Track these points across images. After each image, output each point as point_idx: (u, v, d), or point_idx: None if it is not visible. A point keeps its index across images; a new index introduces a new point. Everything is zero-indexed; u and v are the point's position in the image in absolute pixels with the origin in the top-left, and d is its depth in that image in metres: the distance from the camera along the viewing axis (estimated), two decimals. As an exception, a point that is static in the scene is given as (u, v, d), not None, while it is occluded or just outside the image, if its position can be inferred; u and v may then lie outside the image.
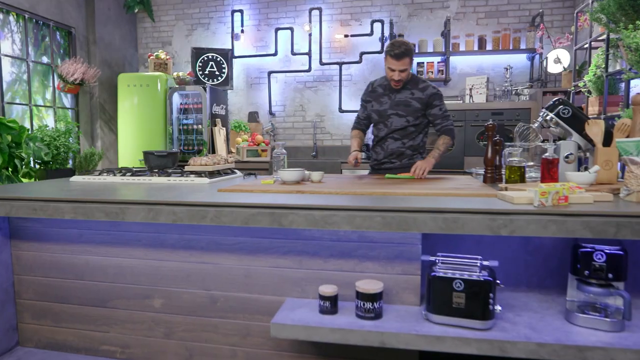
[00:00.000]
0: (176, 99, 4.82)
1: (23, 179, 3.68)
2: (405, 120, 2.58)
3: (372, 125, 2.78)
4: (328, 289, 1.55)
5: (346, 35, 4.93)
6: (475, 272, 1.45)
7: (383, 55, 2.62)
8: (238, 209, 1.52)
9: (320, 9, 4.95)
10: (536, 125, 2.09)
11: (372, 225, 1.42)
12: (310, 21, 4.97)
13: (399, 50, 2.39)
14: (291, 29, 5.02)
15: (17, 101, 4.12)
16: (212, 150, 4.78)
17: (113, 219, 1.64)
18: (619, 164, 1.87)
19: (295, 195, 1.74)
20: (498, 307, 1.45)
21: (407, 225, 1.39)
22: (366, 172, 3.92)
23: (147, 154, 2.42)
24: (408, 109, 2.57)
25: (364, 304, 1.51)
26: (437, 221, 1.38)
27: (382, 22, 4.80)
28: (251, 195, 1.72)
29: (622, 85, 2.99)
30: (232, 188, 1.88)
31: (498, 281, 1.45)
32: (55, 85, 4.51)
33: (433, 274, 1.47)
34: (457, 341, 1.39)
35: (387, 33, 4.78)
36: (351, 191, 1.75)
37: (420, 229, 1.39)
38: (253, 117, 5.20)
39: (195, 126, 4.81)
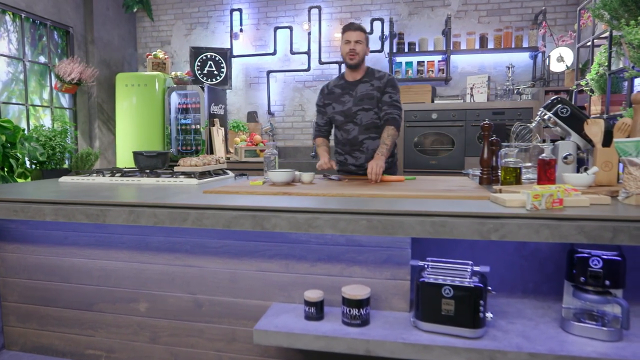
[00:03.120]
0: (174, 98, 4.79)
1: (18, 179, 3.66)
2: (373, 113, 2.46)
3: (337, 128, 2.59)
4: (313, 295, 1.50)
5: (346, 34, 4.86)
6: (466, 278, 1.39)
7: (340, 35, 2.57)
8: (220, 211, 1.47)
9: (319, 8, 4.89)
10: (534, 125, 2.02)
11: (357, 229, 1.36)
12: (309, 20, 4.92)
13: (354, 24, 2.46)
14: (290, 27, 4.97)
15: (14, 101, 4.10)
16: (211, 150, 4.75)
17: (94, 221, 1.60)
18: (620, 165, 1.80)
19: (281, 197, 1.69)
20: (489, 315, 1.39)
21: (393, 229, 1.34)
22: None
23: (136, 155, 2.38)
24: (372, 101, 2.45)
25: (350, 310, 1.45)
26: (425, 225, 1.32)
27: (382, 20, 4.74)
28: (236, 197, 1.67)
29: (626, 83, 2.91)
30: (218, 189, 1.84)
31: (489, 287, 1.39)
32: (53, 85, 4.49)
33: (422, 279, 1.41)
34: (445, 350, 1.33)
35: (387, 32, 4.71)
36: (339, 193, 1.69)
37: (407, 233, 1.33)
38: (252, 117, 5.15)
39: (193, 126, 4.78)
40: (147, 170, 2.39)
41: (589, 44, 3.53)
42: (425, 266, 1.46)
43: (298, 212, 1.42)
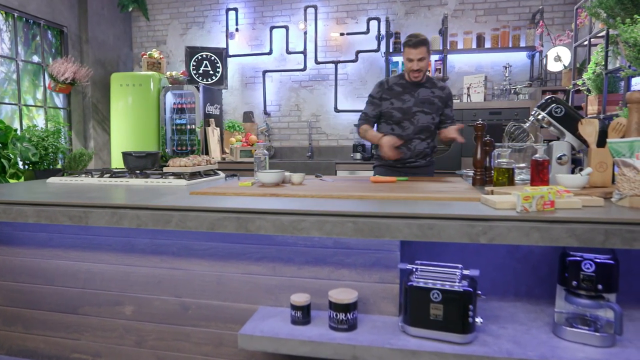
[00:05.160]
0: (169, 98, 4.76)
1: (10, 180, 3.62)
2: (431, 117, 2.59)
3: (388, 123, 2.64)
4: (300, 299, 1.47)
5: (342, 34, 4.83)
6: (455, 282, 1.35)
7: (402, 49, 2.63)
8: (203, 213, 1.44)
9: (315, 7, 4.86)
10: (527, 124, 1.99)
11: (343, 231, 1.33)
12: (305, 19, 4.89)
13: (416, 39, 2.45)
14: (286, 27, 4.94)
15: (7, 101, 4.07)
16: (206, 150, 4.71)
17: (77, 223, 1.57)
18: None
19: (268, 198, 1.65)
20: (479, 320, 1.36)
21: (379, 232, 1.30)
22: (369, 172, 3.80)
23: (125, 155, 2.35)
24: (433, 107, 2.58)
25: (336, 315, 1.42)
26: (412, 228, 1.28)
27: (378, 20, 4.71)
28: (223, 199, 1.64)
29: (623, 83, 2.87)
30: (205, 191, 1.80)
31: (479, 292, 1.35)
32: (46, 85, 4.46)
33: (410, 283, 1.38)
34: (433, 356, 1.29)
35: (383, 31, 4.68)
36: (327, 194, 1.66)
37: (393, 235, 1.30)
38: (248, 117, 5.12)
39: (188, 126, 4.74)
40: (137, 171, 2.36)
41: (586, 43, 3.49)
42: (414, 269, 1.42)
43: (283, 214, 1.39)
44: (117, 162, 4.70)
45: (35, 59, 4.39)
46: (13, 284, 1.94)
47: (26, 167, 3.80)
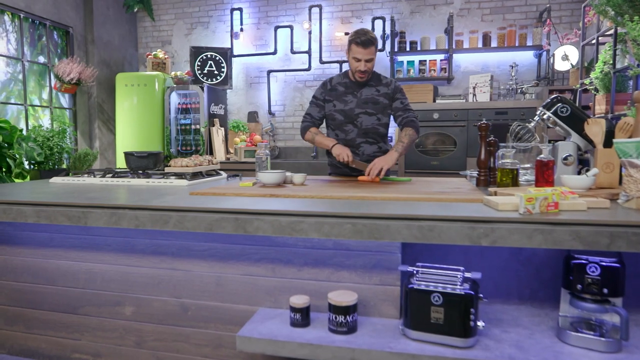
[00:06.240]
0: (174, 98, 4.77)
1: (16, 179, 3.65)
2: (375, 118, 2.40)
3: (332, 128, 2.50)
4: (299, 300, 1.45)
5: (347, 33, 4.81)
6: (456, 284, 1.33)
7: (347, 45, 2.36)
8: (201, 214, 1.43)
9: (320, 7, 4.84)
10: (532, 124, 1.95)
11: (341, 233, 1.31)
12: (310, 19, 4.87)
13: (365, 37, 2.23)
14: (291, 27, 4.93)
15: (12, 101, 4.10)
16: (210, 150, 4.72)
17: (75, 224, 1.56)
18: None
19: (267, 199, 1.64)
20: (481, 323, 1.33)
21: (379, 233, 1.28)
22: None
23: (127, 155, 2.34)
24: (377, 107, 2.40)
25: (336, 317, 1.40)
26: (412, 229, 1.26)
27: (383, 19, 4.68)
28: (222, 199, 1.62)
29: (631, 82, 2.82)
30: (205, 191, 1.79)
31: (481, 295, 1.33)
32: (52, 85, 4.48)
33: (410, 286, 1.36)
34: (434, 360, 1.27)
35: (388, 31, 4.65)
36: (327, 195, 1.64)
37: (393, 237, 1.27)
38: (252, 117, 5.11)
39: (193, 126, 4.75)
40: (140, 171, 2.35)
41: (593, 41, 3.44)
42: (415, 272, 1.40)
43: (281, 215, 1.37)
44: (122, 162, 4.72)
45: (41, 59, 4.42)
46: (15, 284, 1.94)
47: (32, 166, 3.83)
